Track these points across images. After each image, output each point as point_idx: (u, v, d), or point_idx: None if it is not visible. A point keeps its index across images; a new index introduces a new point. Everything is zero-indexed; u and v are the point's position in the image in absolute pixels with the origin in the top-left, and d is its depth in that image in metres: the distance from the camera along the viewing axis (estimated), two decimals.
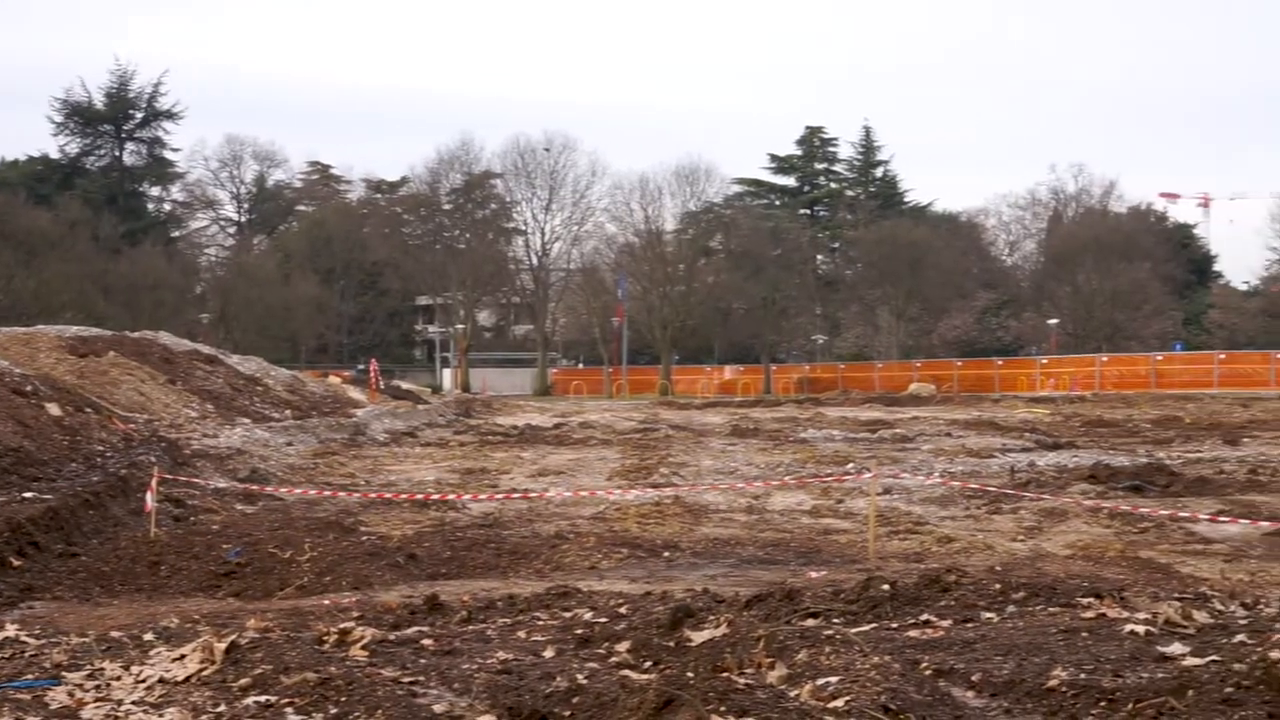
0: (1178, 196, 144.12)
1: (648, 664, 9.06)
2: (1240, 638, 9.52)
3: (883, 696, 7.33)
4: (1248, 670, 7.66)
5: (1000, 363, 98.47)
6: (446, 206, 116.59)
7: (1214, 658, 8.71)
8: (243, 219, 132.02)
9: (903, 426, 44.07)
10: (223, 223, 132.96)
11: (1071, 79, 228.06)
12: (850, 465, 29.84)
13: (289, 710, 7.95)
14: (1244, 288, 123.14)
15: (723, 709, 7.11)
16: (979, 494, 23.43)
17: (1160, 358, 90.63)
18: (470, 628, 11.14)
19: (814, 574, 14.89)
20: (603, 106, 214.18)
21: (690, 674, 7.70)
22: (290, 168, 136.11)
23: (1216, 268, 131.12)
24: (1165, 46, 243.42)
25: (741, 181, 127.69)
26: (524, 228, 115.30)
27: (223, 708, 8.09)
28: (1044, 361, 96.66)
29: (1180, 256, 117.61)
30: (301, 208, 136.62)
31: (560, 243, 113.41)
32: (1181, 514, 19.76)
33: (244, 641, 9.22)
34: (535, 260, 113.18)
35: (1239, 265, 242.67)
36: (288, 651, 9.05)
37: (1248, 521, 19.43)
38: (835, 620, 10.42)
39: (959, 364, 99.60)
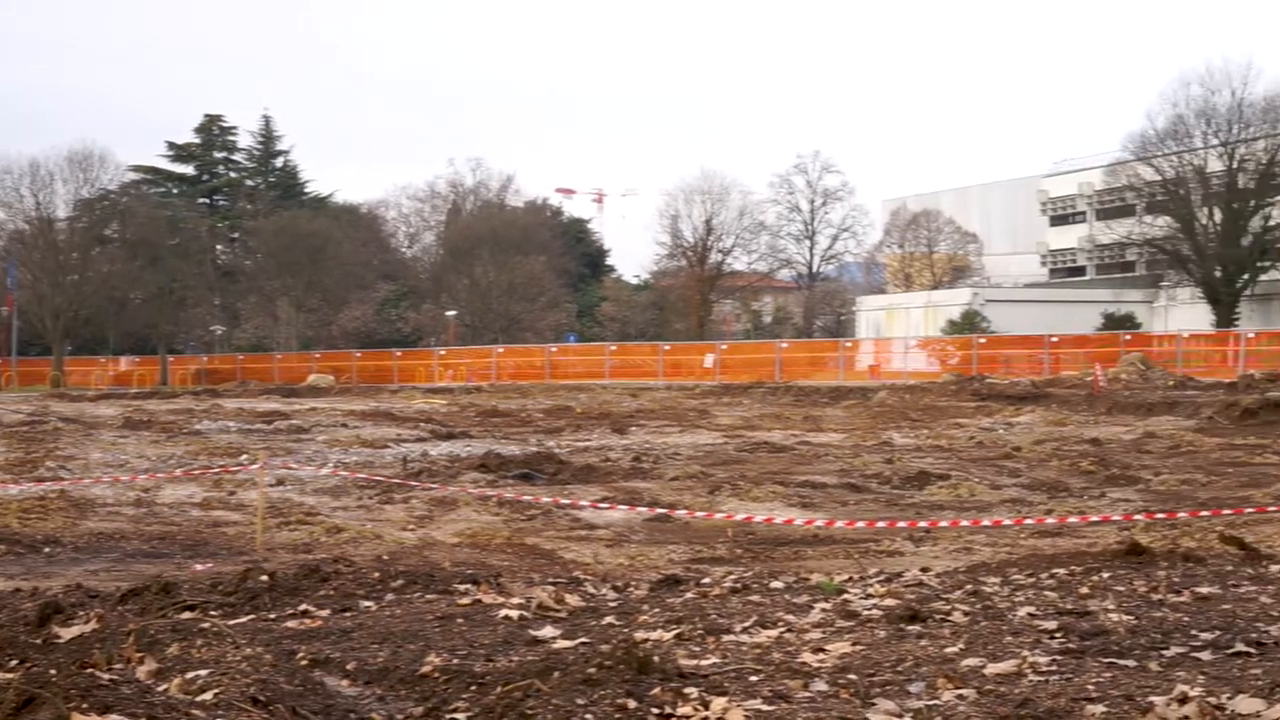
0: (573, 192, 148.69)
1: (14, 663, 8.64)
2: (609, 620, 9.84)
3: (253, 688, 7.18)
4: (611, 650, 7.87)
5: (399, 354, 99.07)
6: None
7: (583, 639, 8.97)
8: None
9: (299, 418, 43.81)
10: None
11: (479, 79, 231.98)
12: (244, 457, 29.40)
13: None
14: (635, 281, 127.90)
15: (85, 705, 6.81)
16: (371, 484, 23.44)
17: (555, 349, 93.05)
18: None
19: (199, 566, 14.59)
20: None
21: (54, 671, 7.36)
22: None
23: (609, 261, 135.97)
24: (561, 46, 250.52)
25: (138, 169, 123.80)
26: None
27: None
28: (442, 353, 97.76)
29: (575, 250, 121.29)
30: None
31: None
32: (563, 501, 20.27)
33: None
34: None
35: (630, 260, 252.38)
36: None
37: (628, 508, 20.10)
38: (213, 612, 10.20)
39: (358, 355, 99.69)
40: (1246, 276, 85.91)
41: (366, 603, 10.65)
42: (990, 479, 24.67)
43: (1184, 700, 7.17)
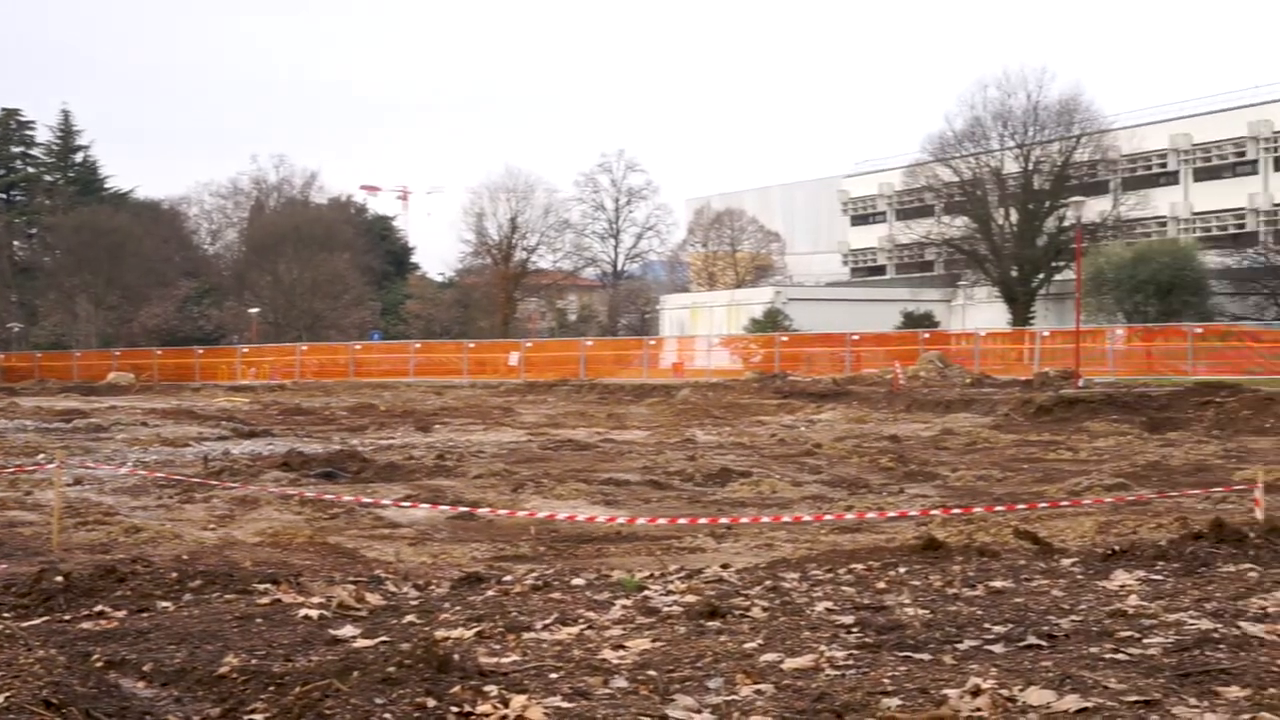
0: (378, 189, 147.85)
1: None
2: (410, 618, 9.82)
3: (45, 691, 7.04)
4: (411, 649, 7.86)
5: (201, 351, 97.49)
6: None
7: (383, 638, 8.94)
8: None
9: (99, 416, 43.00)
10: None
11: (282, 76, 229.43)
12: (41, 456, 28.77)
13: None
14: (440, 279, 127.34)
15: None
16: (172, 483, 23.07)
17: (359, 347, 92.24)
18: None
19: None
20: None
21: None
22: None
23: (414, 259, 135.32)
24: (362, 44, 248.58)
25: None
26: None
27: None
28: (245, 350, 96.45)
29: (380, 248, 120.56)
30: None
31: None
32: (365, 499, 20.14)
33: None
34: None
35: (435, 257, 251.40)
36: None
37: (431, 506, 20.04)
38: (5, 615, 9.99)
39: (159, 353, 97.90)
40: (1041, 276, 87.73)
41: (164, 603, 10.49)
42: (792, 476, 24.95)
43: (977, 692, 7.33)
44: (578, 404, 53.32)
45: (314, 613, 9.80)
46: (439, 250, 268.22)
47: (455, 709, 7.09)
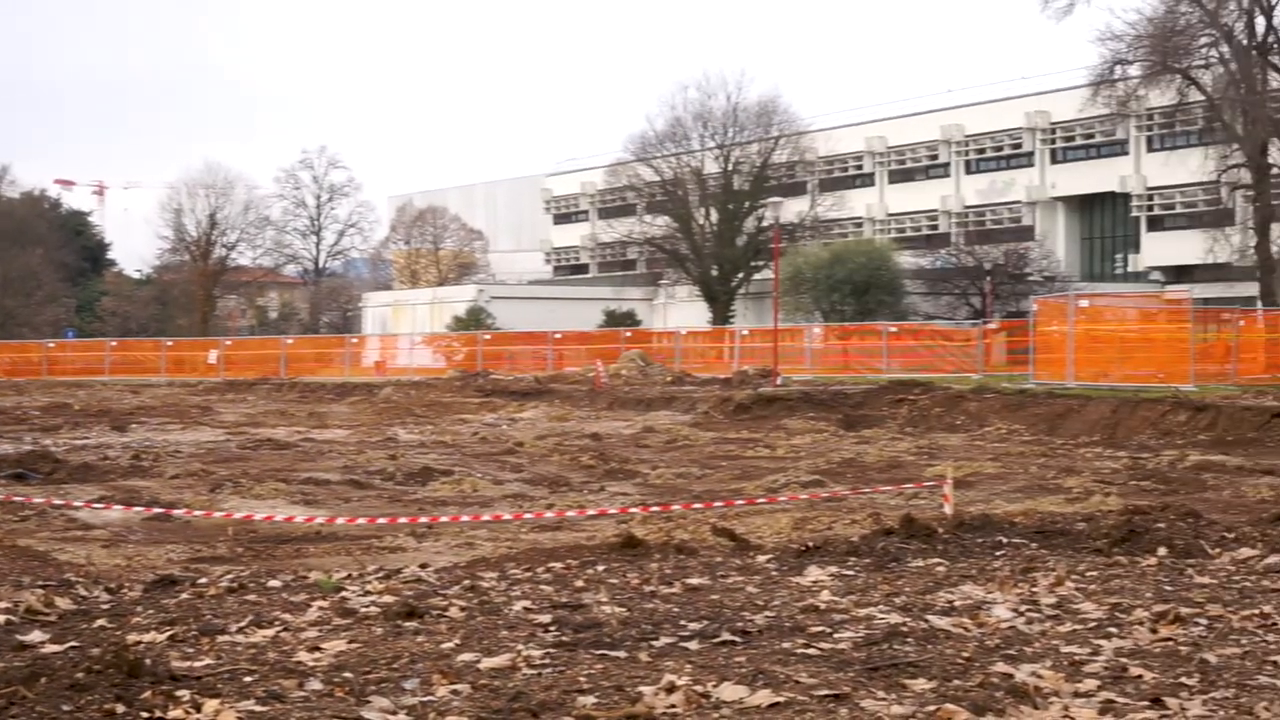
0: (73, 184, 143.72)
1: None
2: (101, 622, 9.60)
3: None
4: (101, 654, 7.67)
5: None
6: None
7: (73, 643, 8.71)
8: None
9: None
10: None
11: None
12: None
13: None
14: (137, 275, 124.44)
15: None
16: None
17: (53, 345, 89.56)
18: None
19: None
20: None
21: None
22: None
23: (110, 255, 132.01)
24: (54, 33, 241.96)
25: None
26: None
27: None
28: None
29: (74, 243, 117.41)
30: None
31: None
32: (57, 500, 19.60)
33: None
34: None
35: (132, 254, 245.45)
36: None
37: (126, 507, 19.57)
38: None
39: None
40: (741, 275, 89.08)
41: None
42: (493, 474, 24.95)
43: (671, 689, 7.40)
44: (278, 403, 52.56)
45: (0, 618, 9.49)
46: (136, 247, 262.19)
47: (146, 714, 6.95)
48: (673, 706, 7.18)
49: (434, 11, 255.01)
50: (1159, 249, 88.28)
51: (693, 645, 8.67)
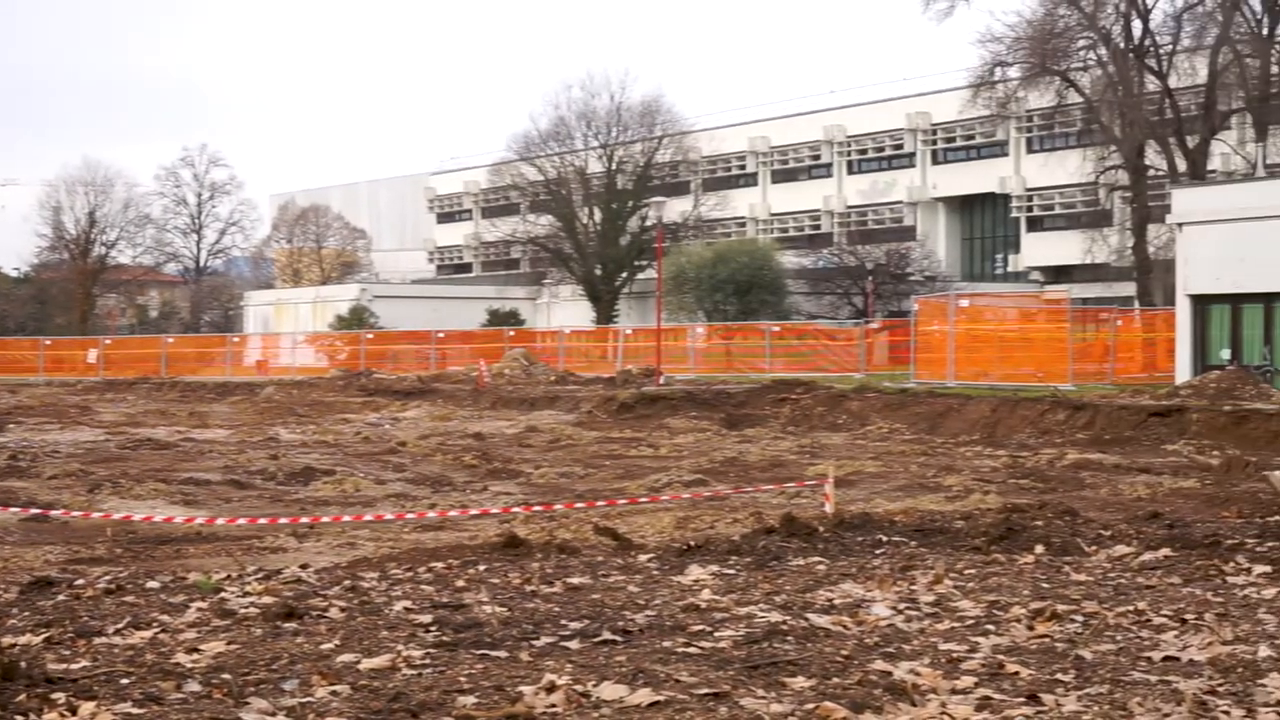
0: None
1: None
2: None
3: None
4: None
5: None
6: None
7: None
8: None
9: None
10: None
11: None
12: None
13: None
14: (14, 274, 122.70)
15: None
16: None
17: None
18: None
19: None
20: None
21: None
22: None
23: None
24: None
25: None
26: None
27: None
28: None
29: None
30: None
31: None
32: None
33: None
34: None
35: (9, 251, 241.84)
36: None
37: (2, 508, 19.30)
38: None
39: None
40: (625, 275, 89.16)
41: None
42: (376, 474, 24.88)
43: (552, 689, 7.43)
44: (159, 402, 52.04)
45: None
46: (13, 244, 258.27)
47: (20, 718, 6.88)
48: (553, 706, 7.20)
49: (317, 8, 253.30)
50: (1038, 249, 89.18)
51: (574, 645, 8.69)
